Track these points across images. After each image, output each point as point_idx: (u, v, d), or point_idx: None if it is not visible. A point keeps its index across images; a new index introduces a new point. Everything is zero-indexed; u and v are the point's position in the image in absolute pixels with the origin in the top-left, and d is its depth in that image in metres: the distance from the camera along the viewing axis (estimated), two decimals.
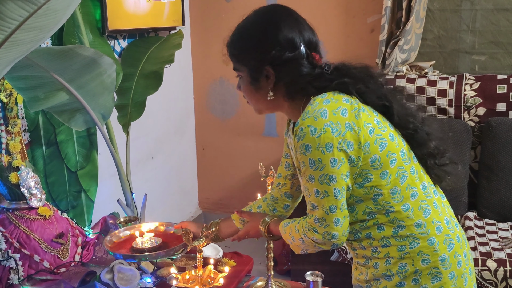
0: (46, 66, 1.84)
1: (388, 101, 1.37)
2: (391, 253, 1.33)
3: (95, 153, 2.60)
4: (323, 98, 1.30)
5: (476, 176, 2.88)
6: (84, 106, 2.14)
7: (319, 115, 1.26)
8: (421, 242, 1.32)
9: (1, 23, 1.10)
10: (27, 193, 1.92)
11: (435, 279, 1.32)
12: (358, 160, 1.28)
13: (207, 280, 1.46)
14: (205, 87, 3.76)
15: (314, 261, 2.67)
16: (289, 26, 1.35)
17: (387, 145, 1.31)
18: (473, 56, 3.11)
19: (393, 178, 1.31)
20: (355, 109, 1.29)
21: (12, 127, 2.09)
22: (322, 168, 1.26)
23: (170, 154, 3.53)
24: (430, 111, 2.99)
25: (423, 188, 1.36)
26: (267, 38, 1.35)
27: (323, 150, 1.25)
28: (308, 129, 1.26)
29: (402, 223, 1.32)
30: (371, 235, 1.35)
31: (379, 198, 1.31)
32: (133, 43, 2.91)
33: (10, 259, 1.82)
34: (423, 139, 1.40)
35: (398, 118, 1.38)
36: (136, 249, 1.79)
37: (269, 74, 1.37)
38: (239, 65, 1.42)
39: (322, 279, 1.83)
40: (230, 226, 1.69)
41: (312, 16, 1.42)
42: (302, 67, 1.35)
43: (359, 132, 1.27)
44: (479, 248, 2.44)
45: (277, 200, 1.69)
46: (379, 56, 3.08)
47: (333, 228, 1.29)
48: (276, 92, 1.39)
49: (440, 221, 1.35)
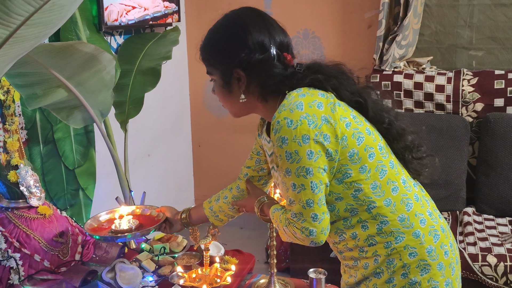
0: (46, 63, 1.81)
1: (362, 97, 1.38)
2: (378, 251, 1.33)
3: (93, 151, 2.57)
4: (298, 92, 1.30)
5: (474, 171, 2.89)
6: (83, 103, 2.11)
7: (295, 107, 1.26)
8: (406, 236, 1.31)
9: (6, 19, 1.07)
10: (27, 191, 1.88)
11: (424, 271, 1.32)
12: (335, 154, 1.27)
13: (214, 279, 1.44)
14: (201, 84, 3.74)
15: (314, 259, 2.66)
16: (258, 28, 1.35)
17: (364, 139, 1.30)
18: (471, 52, 3.11)
19: (372, 172, 1.30)
20: (330, 103, 1.29)
21: (9, 125, 2.05)
22: (298, 161, 1.25)
23: (166, 152, 3.50)
24: (428, 106, 2.99)
25: (403, 182, 1.36)
26: (235, 41, 1.35)
27: (299, 141, 1.24)
28: (285, 121, 1.25)
29: (385, 219, 1.31)
30: (356, 235, 1.34)
31: (360, 194, 1.30)
32: (130, 39, 2.88)
33: (10, 259, 1.79)
34: (399, 133, 1.41)
35: (373, 113, 1.38)
36: (114, 231, 1.78)
37: (240, 77, 1.37)
38: (211, 69, 1.43)
39: (325, 276, 1.83)
40: (199, 213, 1.74)
41: (309, 12, 1.42)
42: (274, 68, 1.35)
43: (335, 125, 1.26)
44: (479, 243, 2.44)
45: (242, 192, 1.70)
46: (376, 52, 3.07)
47: (311, 223, 1.27)
48: (248, 95, 1.39)
49: (423, 213, 1.35)
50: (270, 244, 1.89)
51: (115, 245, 2.05)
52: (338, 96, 1.34)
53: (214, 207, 1.72)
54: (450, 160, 2.81)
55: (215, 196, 1.75)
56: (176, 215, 1.78)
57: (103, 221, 1.87)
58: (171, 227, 1.80)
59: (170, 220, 1.79)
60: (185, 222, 1.75)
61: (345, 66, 1.42)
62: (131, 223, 1.81)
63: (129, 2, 2.81)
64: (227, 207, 1.71)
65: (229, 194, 1.71)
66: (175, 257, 2.03)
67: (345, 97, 1.36)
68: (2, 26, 1.09)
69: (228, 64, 1.37)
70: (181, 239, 2.16)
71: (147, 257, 2.00)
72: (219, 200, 1.72)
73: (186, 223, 1.76)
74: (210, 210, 1.72)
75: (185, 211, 1.77)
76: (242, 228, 3.79)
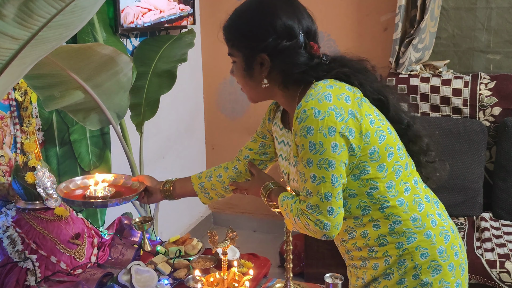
0: (64, 64, 1.81)
1: (384, 95, 1.36)
2: (389, 252, 1.31)
3: (108, 152, 2.57)
4: (325, 83, 1.28)
5: (491, 176, 2.85)
6: (100, 105, 2.11)
7: (323, 98, 1.23)
8: (418, 236, 1.30)
9: (28, 21, 1.07)
10: (44, 193, 1.89)
11: (435, 272, 1.30)
12: (358, 150, 1.25)
13: (231, 283, 1.43)
14: (215, 86, 3.73)
15: (329, 263, 2.64)
16: (288, 13, 1.31)
17: (385, 138, 1.29)
18: (488, 55, 3.07)
19: (389, 171, 1.29)
20: (357, 98, 1.28)
21: (27, 126, 2.06)
22: (322, 152, 1.22)
23: (180, 154, 3.50)
24: (444, 110, 2.96)
25: (415, 183, 1.35)
26: (264, 25, 1.31)
27: (325, 133, 1.21)
28: (312, 111, 1.22)
29: (398, 218, 1.30)
30: (367, 233, 1.32)
31: (375, 192, 1.29)
32: (145, 41, 2.89)
33: (27, 260, 1.79)
34: (415, 136, 1.40)
35: (393, 113, 1.37)
36: (88, 197, 1.73)
37: (263, 62, 1.33)
38: (233, 51, 1.38)
39: (341, 281, 1.81)
40: (186, 187, 1.71)
41: (324, 14, 1.40)
42: (300, 56, 1.32)
43: (361, 120, 1.25)
44: (497, 249, 2.41)
45: (240, 173, 1.67)
46: (392, 55, 3.05)
47: (326, 217, 1.25)
48: (269, 81, 1.36)
49: (433, 214, 1.34)
50: (286, 248, 1.87)
51: (130, 248, 2.04)
52: (363, 91, 1.32)
53: (206, 184, 1.69)
54: (467, 165, 2.78)
55: (206, 172, 1.72)
56: (157, 185, 1.74)
57: (81, 185, 1.81)
58: (149, 196, 1.77)
59: (149, 189, 1.76)
60: (168, 194, 1.72)
61: (369, 62, 1.40)
62: (106, 191, 1.75)
63: (145, 5, 2.82)
64: (220, 186, 1.68)
65: (224, 174, 1.68)
66: (191, 260, 2.02)
67: (369, 94, 1.34)
68: (24, 28, 1.09)
69: (253, 47, 1.33)
70: (196, 242, 2.15)
71: (163, 260, 1.99)
72: (212, 177, 1.69)
73: (169, 195, 1.73)
74: (200, 186, 1.69)
75: (168, 182, 1.73)
76: (255, 231, 3.77)
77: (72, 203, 1.83)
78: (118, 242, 2.07)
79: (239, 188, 1.65)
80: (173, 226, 3.36)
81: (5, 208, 1.93)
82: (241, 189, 1.64)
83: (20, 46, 1.12)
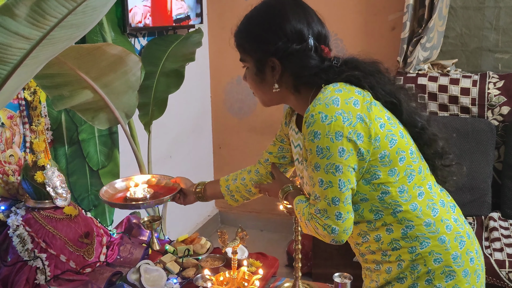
0: (73, 64, 1.82)
1: (396, 98, 1.35)
2: (402, 256, 1.30)
3: (117, 152, 2.58)
4: (335, 87, 1.27)
5: (500, 176, 2.84)
6: (108, 104, 2.12)
7: (331, 102, 1.23)
8: (431, 241, 1.29)
9: (40, 20, 1.07)
10: (53, 192, 1.90)
11: (449, 277, 1.29)
12: (367, 154, 1.24)
13: (241, 282, 1.43)
14: (222, 85, 3.74)
15: (337, 263, 2.64)
16: (298, 17, 1.32)
17: (397, 142, 1.28)
18: (496, 55, 3.05)
19: (401, 176, 1.28)
20: (367, 102, 1.27)
21: (36, 126, 2.07)
22: (329, 157, 1.22)
23: (187, 153, 3.51)
24: (452, 109, 2.95)
25: (429, 188, 1.34)
26: (273, 29, 1.32)
27: (332, 138, 1.21)
28: (319, 116, 1.22)
29: (411, 223, 1.29)
30: (380, 237, 1.31)
31: (386, 196, 1.28)
32: (153, 41, 2.89)
33: (37, 259, 1.80)
34: (430, 139, 1.38)
35: (407, 116, 1.36)
36: (129, 199, 1.78)
37: (274, 66, 1.34)
38: (245, 56, 1.40)
39: (350, 281, 1.81)
40: (215, 189, 1.75)
41: (331, 14, 1.40)
42: (310, 59, 1.32)
43: (370, 125, 1.24)
44: (506, 249, 2.40)
45: (261, 176, 1.69)
46: (400, 54, 3.04)
47: (334, 221, 1.25)
48: (281, 84, 1.36)
49: (449, 219, 1.33)
50: (295, 248, 1.87)
51: (139, 247, 2.05)
52: (374, 95, 1.32)
53: (231, 186, 1.72)
54: (475, 165, 2.76)
55: (233, 175, 1.75)
56: (191, 186, 1.79)
57: (119, 188, 1.87)
58: (184, 198, 1.81)
59: (184, 191, 1.80)
60: (199, 195, 1.76)
61: (382, 64, 1.40)
62: (145, 192, 1.80)
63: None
64: (244, 189, 1.71)
65: (247, 177, 1.71)
66: (199, 259, 2.03)
67: (381, 97, 1.33)
68: (36, 28, 1.10)
69: (263, 51, 1.34)
70: (205, 241, 2.16)
71: (171, 259, 1.99)
72: (237, 180, 1.72)
73: (201, 197, 1.77)
74: (226, 188, 1.72)
75: (200, 184, 1.77)
76: (262, 230, 3.77)
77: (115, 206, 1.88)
78: (127, 241, 2.08)
79: (261, 189, 1.67)
80: (180, 225, 3.37)
81: (15, 207, 1.94)
82: (263, 190, 1.66)
83: (31, 46, 1.13)
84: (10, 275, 1.80)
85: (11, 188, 2.01)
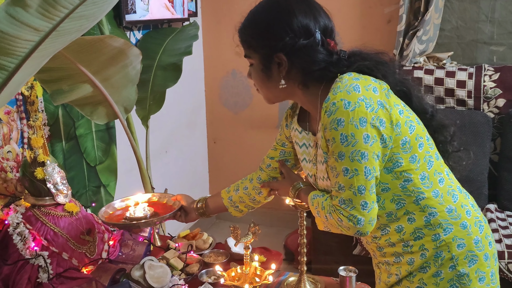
0: (74, 57, 1.78)
1: (406, 86, 1.35)
2: (426, 245, 1.30)
3: (114, 147, 2.54)
4: (350, 76, 1.26)
5: (496, 168, 2.86)
6: (107, 99, 2.08)
7: (352, 89, 1.21)
8: (454, 227, 1.29)
9: (51, 11, 1.04)
10: (54, 189, 1.85)
11: (471, 262, 1.30)
12: (389, 141, 1.23)
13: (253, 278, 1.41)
14: (217, 79, 3.71)
15: (336, 257, 2.64)
16: (304, 12, 1.30)
17: (415, 128, 1.28)
18: (492, 47, 3.07)
19: (421, 162, 1.28)
20: (384, 89, 1.27)
21: (33, 121, 2.03)
22: (354, 144, 1.20)
23: (182, 148, 3.48)
24: (449, 102, 2.96)
25: (447, 174, 1.34)
26: (280, 24, 1.30)
27: (356, 124, 1.19)
28: (341, 103, 1.20)
29: (434, 210, 1.28)
30: (402, 228, 1.30)
31: (409, 184, 1.27)
32: (148, 34, 2.86)
33: (38, 257, 1.76)
34: (441, 125, 1.39)
35: (417, 103, 1.36)
36: (129, 218, 1.76)
37: (281, 62, 1.32)
38: (250, 52, 1.37)
39: (356, 274, 1.81)
40: (217, 202, 1.72)
41: (327, 6, 1.38)
42: (318, 53, 1.30)
43: (390, 111, 1.23)
44: (504, 240, 2.42)
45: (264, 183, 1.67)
46: (396, 47, 3.05)
47: (360, 211, 1.23)
48: (288, 80, 1.35)
49: (467, 205, 1.34)
50: (300, 242, 1.86)
51: (141, 243, 2.02)
52: (386, 83, 1.31)
53: (234, 197, 1.69)
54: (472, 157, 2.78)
55: (234, 186, 1.72)
56: (191, 203, 1.76)
57: (118, 208, 1.85)
58: (186, 215, 1.78)
59: (185, 208, 1.77)
60: (201, 211, 1.73)
61: (387, 54, 1.39)
62: (145, 211, 1.78)
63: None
64: (248, 198, 1.68)
65: (250, 185, 1.68)
66: (202, 255, 2.01)
67: (392, 85, 1.32)
68: (46, 19, 1.06)
69: (270, 47, 1.32)
70: (207, 237, 2.13)
71: (174, 255, 1.97)
72: (239, 190, 1.69)
73: (202, 213, 1.74)
74: (229, 200, 1.70)
75: (201, 200, 1.74)
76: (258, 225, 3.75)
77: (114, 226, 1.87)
78: (128, 237, 2.05)
79: (270, 187, 1.64)
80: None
81: (14, 205, 1.90)
82: (273, 188, 1.63)
83: (41, 38, 1.10)
84: (11, 274, 1.75)
85: (9, 185, 1.97)
